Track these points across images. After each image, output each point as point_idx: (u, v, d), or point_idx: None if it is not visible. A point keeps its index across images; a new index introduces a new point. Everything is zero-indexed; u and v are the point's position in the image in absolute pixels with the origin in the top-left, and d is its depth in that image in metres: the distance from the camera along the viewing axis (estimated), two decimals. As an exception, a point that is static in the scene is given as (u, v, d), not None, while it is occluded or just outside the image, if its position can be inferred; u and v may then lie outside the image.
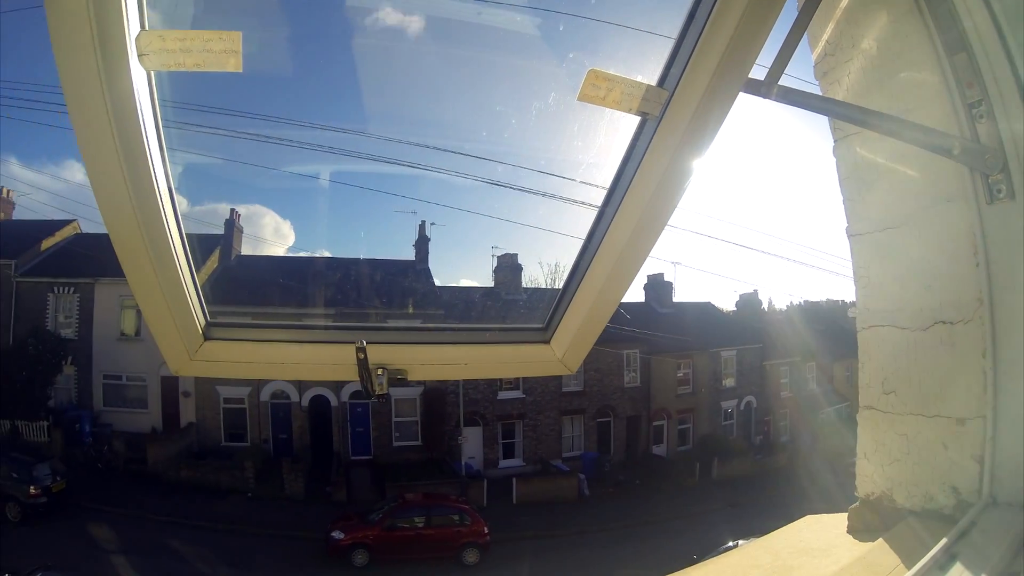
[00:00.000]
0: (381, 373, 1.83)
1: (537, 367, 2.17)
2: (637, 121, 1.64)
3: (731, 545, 13.40)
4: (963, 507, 1.67)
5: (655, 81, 1.56)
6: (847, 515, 2.06)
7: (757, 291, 41.28)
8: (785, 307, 39.67)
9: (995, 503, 1.60)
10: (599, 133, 1.87)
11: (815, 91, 2.01)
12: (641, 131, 1.64)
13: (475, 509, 19.69)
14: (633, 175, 1.66)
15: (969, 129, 1.59)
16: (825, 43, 1.99)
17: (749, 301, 36.64)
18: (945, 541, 1.46)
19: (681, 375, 30.67)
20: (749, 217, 59.22)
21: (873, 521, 1.93)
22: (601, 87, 1.52)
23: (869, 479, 1.98)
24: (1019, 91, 1.49)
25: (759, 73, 1.58)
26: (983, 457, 1.63)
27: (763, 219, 61.81)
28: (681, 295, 35.25)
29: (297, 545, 18.37)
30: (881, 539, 1.80)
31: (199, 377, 20.09)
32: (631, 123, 1.66)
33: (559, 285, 2.07)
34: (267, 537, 18.65)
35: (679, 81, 1.52)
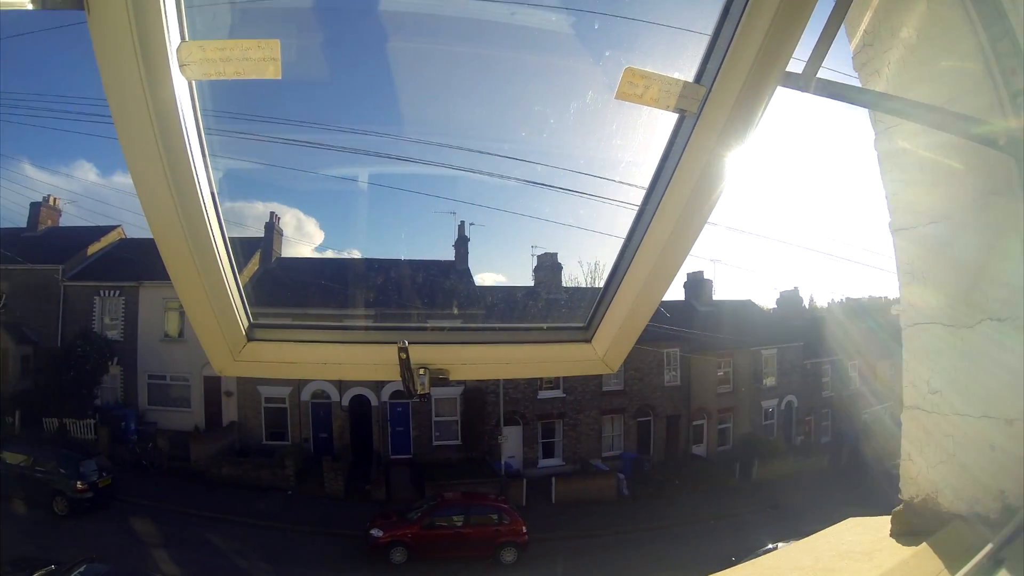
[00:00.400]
0: (423, 373, 1.85)
1: (579, 366, 2.16)
2: (675, 118, 1.63)
3: (771, 547, 13.16)
4: (1010, 511, 1.61)
5: (692, 77, 1.55)
6: (890, 518, 2.01)
7: (798, 288, 40.47)
8: (826, 304, 38.87)
9: (1045, 507, 1.55)
10: (637, 131, 1.87)
11: (854, 83, 1.96)
12: (679, 128, 1.63)
13: (514, 508, 19.68)
14: (672, 172, 1.65)
15: (1015, 119, 1.53)
16: (863, 33, 1.94)
17: (790, 298, 36.02)
18: (991, 546, 1.41)
19: (721, 374, 30.27)
20: (789, 213, 58.12)
21: (917, 524, 1.88)
22: (638, 85, 1.51)
23: (913, 481, 1.93)
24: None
25: (796, 67, 1.55)
26: (1032, 459, 1.57)
27: (804, 215, 60.60)
28: (721, 293, 34.84)
29: (336, 542, 18.58)
30: (925, 543, 1.75)
31: (241, 377, 20.52)
32: (669, 120, 1.65)
33: (599, 284, 2.06)
34: (306, 534, 18.91)
35: (716, 77, 1.51)
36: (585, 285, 21.36)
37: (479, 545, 18.05)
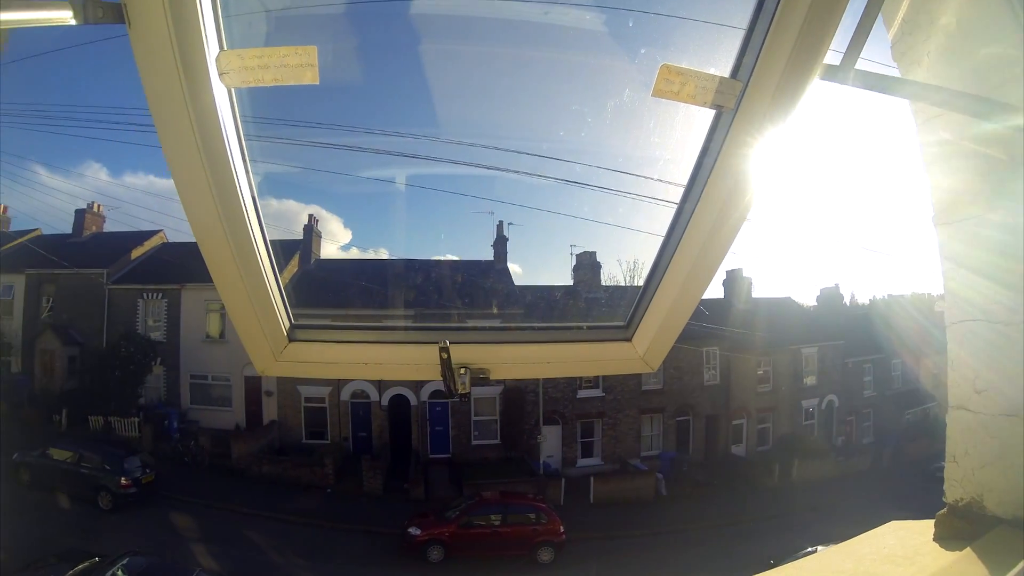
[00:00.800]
0: (464, 372, 1.86)
1: (619, 365, 2.15)
2: (712, 115, 1.61)
3: (811, 550, 12.92)
4: (1060, 517, 1.55)
5: (728, 73, 1.54)
6: (934, 522, 1.95)
7: (838, 285, 39.69)
8: (868, 301, 37.99)
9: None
10: (675, 128, 1.86)
11: (894, 74, 1.91)
12: (717, 124, 1.62)
13: (552, 508, 19.66)
14: (711, 169, 1.64)
15: (1062, 107, 1.47)
16: (901, 22, 1.88)
17: (830, 296, 35.32)
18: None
19: (761, 373, 29.78)
20: (829, 208, 56.96)
21: (962, 529, 1.82)
22: (674, 82, 1.50)
23: (958, 484, 1.87)
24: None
25: (834, 58, 1.51)
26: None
27: (844, 210, 59.32)
28: (760, 290, 34.26)
29: (374, 540, 18.78)
30: (969, 548, 1.69)
31: (282, 377, 20.90)
32: (706, 117, 1.63)
33: (638, 282, 2.06)
34: (345, 531, 19.17)
35: (752, 71, 1.49)
36: (624, 283, 21.28)
37: (516, 544, 18.08)
